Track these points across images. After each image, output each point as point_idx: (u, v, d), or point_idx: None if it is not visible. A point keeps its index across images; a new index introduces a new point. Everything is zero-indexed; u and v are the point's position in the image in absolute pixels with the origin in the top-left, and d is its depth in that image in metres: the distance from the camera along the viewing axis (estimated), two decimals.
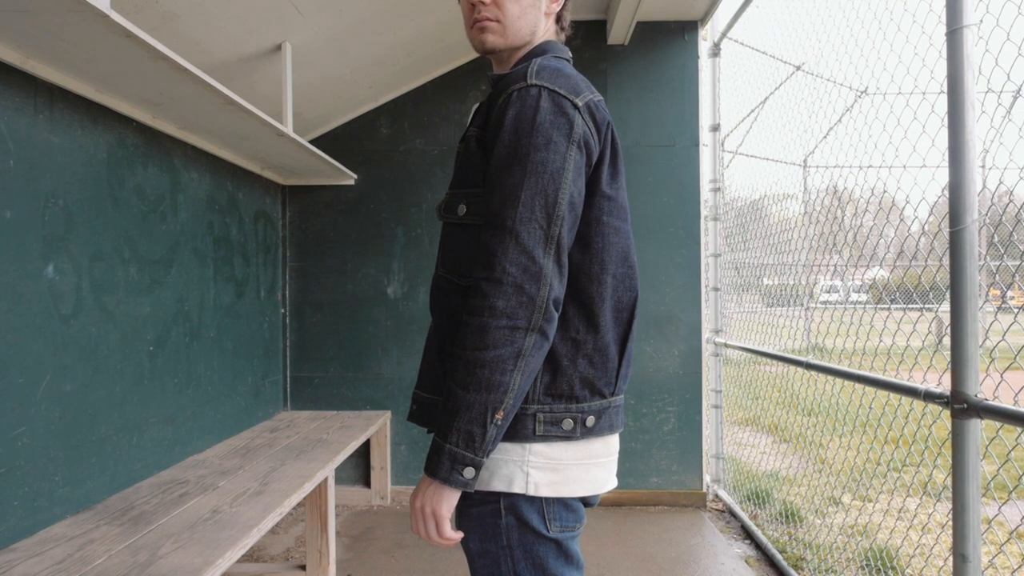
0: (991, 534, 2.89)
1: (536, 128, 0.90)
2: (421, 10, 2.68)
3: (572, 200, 0.91)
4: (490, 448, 0.88)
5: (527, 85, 0.93)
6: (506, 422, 0.89)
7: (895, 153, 1.83)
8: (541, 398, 0.94)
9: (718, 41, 3.46)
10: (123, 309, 1.98)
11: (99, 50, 1.52)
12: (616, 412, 1.02)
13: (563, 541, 0.97)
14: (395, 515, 3.22)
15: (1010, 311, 1.61)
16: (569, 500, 0.98)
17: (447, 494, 0.89)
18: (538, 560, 0.95)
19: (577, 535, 1.02)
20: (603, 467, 1.01)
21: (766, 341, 2.93)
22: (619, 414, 1.04)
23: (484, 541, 0.96)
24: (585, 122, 0.94)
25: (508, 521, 0.95)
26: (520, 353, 0.87)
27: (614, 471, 1.06)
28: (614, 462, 1.05)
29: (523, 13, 1.05)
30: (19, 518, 1.58)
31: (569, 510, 0.98)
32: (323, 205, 3.44)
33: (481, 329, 0.86)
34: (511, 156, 0.91)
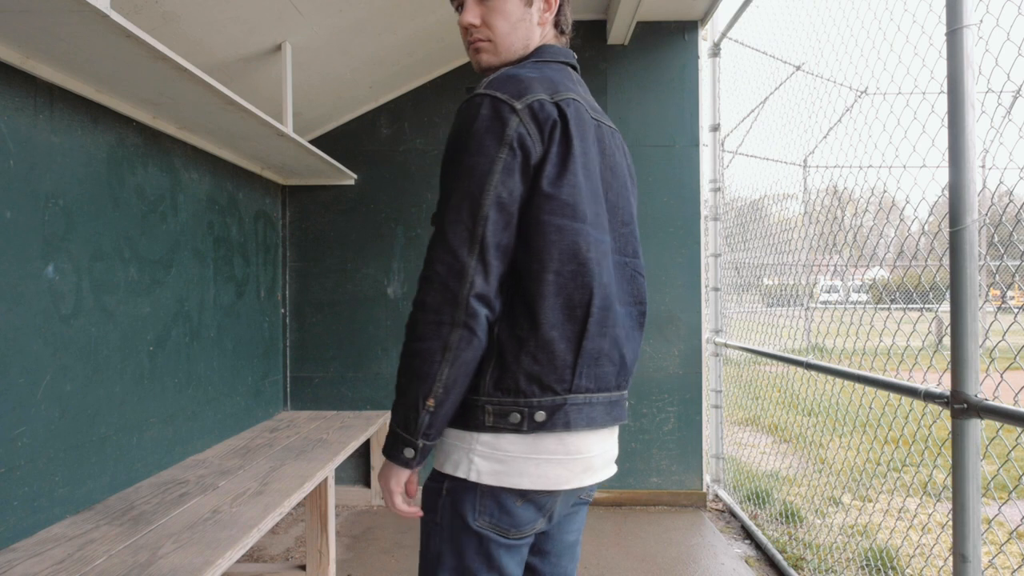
0: (991, 534, 2.89)
1: (471, 134, 0.96)
2: (421, 10, 2.68)
3: (500, 200, 0.95)
4: (430, 432, 0.97)
5: (473, 95, 0.99)
6: (442, 409, 0.96)
7: (895, 153, 1.84)
8: (491, 391, 0.99)
9: (718, 41, 3.46)
10: (123, 309, 1.98)
11: (99, 50, 1.52)
12: (577, 410, 1.00)
13: (487, 539, 1.00)
14: (395, 515, 3.22)
15: (1010, 311, 1.61)
16: (506, 501, 0.99)
17: (394, 470, 1.02)
18: (458, 547, 1.01)
19: (511, 544, 1.00)
20: (561, 464, 1.00)
21: (766, 341, 2.93)
22: (582, 412, 1.01)
23: (427, 514, 1.05)
24: (523, 123, 0.96)
25: (445, 502, 1.02)
26: (446, 346, 0.94)
27: (582, 470, 1.02)
28: (579, 461, 1.01)
29: (513, 29, 1.10)
30: (19, 518, 1.58)
31: (503, 511, 0.99)
32: (323, 205, 3.44)
33: (414, 323, 0.96)
34: (448, 163, 0.99)
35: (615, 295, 1.05)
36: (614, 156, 1.11)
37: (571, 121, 0.98)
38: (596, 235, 1.00)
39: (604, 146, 1.08)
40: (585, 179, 1.00)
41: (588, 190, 1.00)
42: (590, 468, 1.04)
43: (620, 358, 1.07)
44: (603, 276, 1.01)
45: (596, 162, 1.04)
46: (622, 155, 1.14)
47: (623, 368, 1.08)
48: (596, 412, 1.03)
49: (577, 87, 1.08)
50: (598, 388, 1.03)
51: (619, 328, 1.05)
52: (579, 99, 1.03)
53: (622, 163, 1.13)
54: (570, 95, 1.01)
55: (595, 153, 1.04)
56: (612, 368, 1.05)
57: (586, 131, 1.02)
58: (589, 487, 1.09)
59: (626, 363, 1.09)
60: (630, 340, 1.10)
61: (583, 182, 0.99)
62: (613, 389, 1.07)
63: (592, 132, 1.04)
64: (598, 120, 1.09)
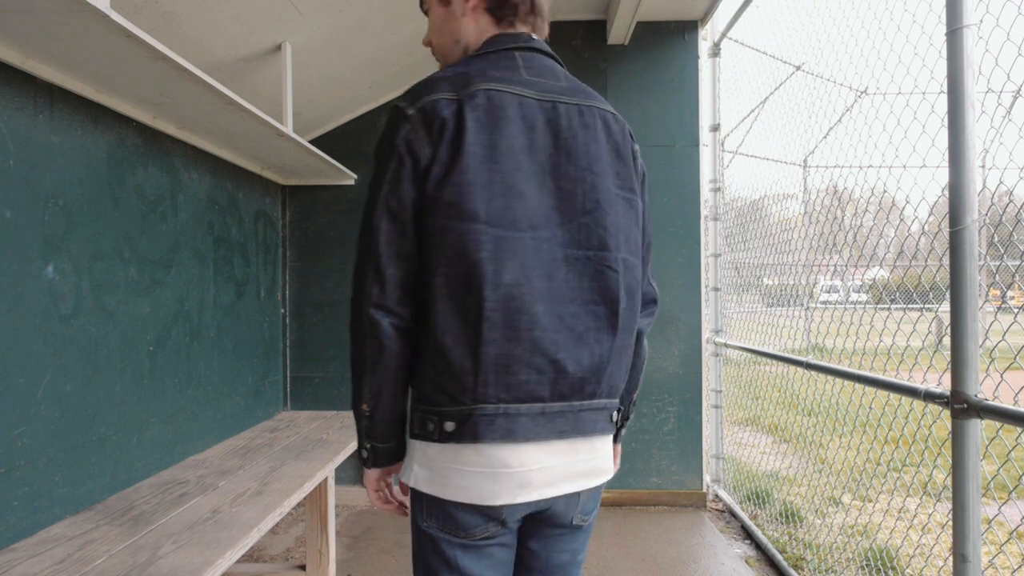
0: (991, 534, 2.89)
1: (377, 147, 1.00)
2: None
3: (390, 210, 0.96)
4: (374, 435, 1.02)
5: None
6: (378, 413, 1.01)
7: (895, 153, 1.83)
8: (415, 399, 1.01)
9: (718, 41, 3.46)
10: (123, 309, 1.98)
11: (99, 50, 1.52)
12: (488, 421, 0.93)
13: (439, 540, 1.00)
14: (394, 515, 3.22)
15: (1010, 311, 1.62)
16: (447, 507, 0.98)
17: (364, 470, 1.09)
18: (421, 548, 1.04)
19: (468, 544, 0.99)
20: (485, 478, 0.94)
21: (766, 341, 2.93)
22: (495, 424, 0.94)
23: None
24: (413, 128, 0.95)
25: (412, 505, 1.06)
26: (363, 356, 0.98)
27: (517, 486, 0.95)
28: (509, 475, 0.94)
29: (440, 33, 1.12)
30: (19, 518, 1.58)
31: (447, 515, 0.98)
32: (323, 205, 3.44)
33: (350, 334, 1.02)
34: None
35: (541, 295, 0.94)
36: (573, 139, 0.98)
37: (468, 115, 0.93)
38: (498, 233, 0.92)
39: (557, 130, 0.98)
40: (489, 173, 0.93)
41: (495, 184, 0.93)
42: (527, 484, 0.95)
43: (553, 365, 0.95)
44: (505, 276, 0.92)
45: (521, 151, 0.95)
46: (599, 134, 1.01)
47: (563, 376, 0.96)
48: (519, 424, 0.94)
49: (518, 72, 1.00)
50: (516, 398, 0.94)
51: (548, 332, 0.94)
52: (501, 87, 0.96)
53: (590, 145, 1.00)
54: (482, 86, 0.95)
55: (521, 142, 0.95)
56: (539, 376, 0.95)
57: (500, 121, 0.94)
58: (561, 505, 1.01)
59: (566, 370, 0.96)
60: (583, 344, 0.97)
61: (480, 178, 0.92)
62: (547, 399, 0.96)
63: (517, 119, 0.95)
64: (554, 101, 0.99)
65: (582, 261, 0.98)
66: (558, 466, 0.98)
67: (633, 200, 1.05)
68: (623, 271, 1.00)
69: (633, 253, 1.04)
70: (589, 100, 1.03)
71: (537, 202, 0.95)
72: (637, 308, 1.06)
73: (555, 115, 0.98)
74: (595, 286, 0.98)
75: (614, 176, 1.02)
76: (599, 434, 1.02)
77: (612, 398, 1.04)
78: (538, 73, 1.02)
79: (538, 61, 1.04)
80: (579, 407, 0.99)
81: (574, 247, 0.97)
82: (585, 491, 1.04)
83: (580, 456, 1.00)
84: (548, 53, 1.08)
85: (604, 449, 1.06)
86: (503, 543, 1.04)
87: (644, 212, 1.10)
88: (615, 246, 1.00)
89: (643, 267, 1.11)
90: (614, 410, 1.06)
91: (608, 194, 1.00)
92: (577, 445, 1.00)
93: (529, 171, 0.95)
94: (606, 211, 0.99)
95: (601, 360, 0.99)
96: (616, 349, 1.01)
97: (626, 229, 1.02)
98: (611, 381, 1.02)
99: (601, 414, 1.02)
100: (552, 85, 1.01)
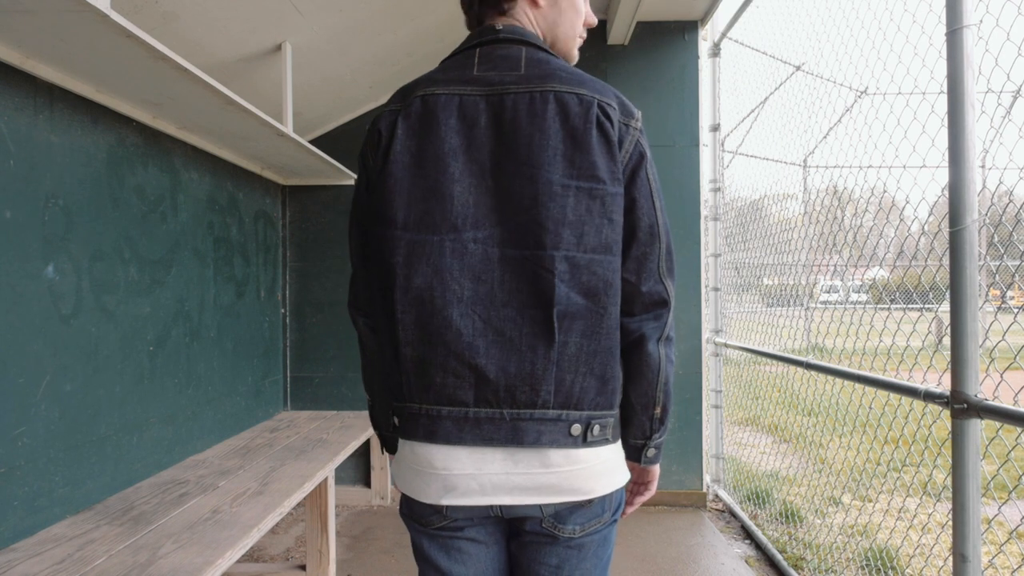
0: (991, 534, 2.89)
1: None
2: (421, 10, 2.68)
3: (355, 218, 1.04)
4: (378, 424, 1.09)
5: None
6: (376, 405, 1.09)
7: (895, 153, 1.84)
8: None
9: (718, 41, 3.46)
10: (123, 309, 1.98)
11: (99, 50, 1.52)
12: (413, 420, 0.95)
13: (411, 527, 1.05)
14: (395, 515, 3.22)
15: (1010, 311, 1.62)
16: (408, 497, 1.02)
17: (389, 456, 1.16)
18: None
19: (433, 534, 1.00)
20: (417, 475, 0.96)
21: (766, 341, 2.93)
22: (418, 423, 0.94)
23: None
24: (367, 141, 1.01)
25: None
26: (361, 351, 1.09)
27: (442, 488, 0.93)
28: (434, 476, 0.94)
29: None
30: (19, 518, 1.58)
31: (408, 504, 1.02)
32: (323, 205, 3.44)
33: None
34: None
35: (460, 298, 0.92)
36: (515, 132, 0.92)
37: (400, 124, 0.95)
38: (412, 237, 0.93)
39: (500, 124, 0.93)
40: (413, 179, 0.93)
41: (417, 189, 0.93)
42: (453, 489, 0.93)
43: (472, 370, 0.92)
44: (416, 280, 0.92)
45: (453, 153, 0.93)
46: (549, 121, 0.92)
47: (484, 381, 0.92)
48: (441, 426, 0.93)
49: (469, 70, 0.97)
50: (436, 401, 0.93)
51: (465, 336, 0.92)
52: (440, 90, 0.95)
53: (533, 135, 0.92)
54: (421, 92, 0.95)
55: (455, 143, 0.93)
56: (456, 380, 0.92)
57: (431, 125, 0.93)
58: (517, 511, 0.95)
59: (487, 376, 0.91)
60: (513, 350, 0.92)
61: (403, 184, 0.94)
62: (471, 405, 0.92)
63: (453, 120, 0.93)
64: (502, 93, 0.94)
65: (519, 262, 0.92)
66: (493, 475, 0.93)
67: (596, 189, 0.92)
68: (565, 271, 0.91)
69: (592, 250, 0.92)
70: (546, 84, 0.94)
71: (469, 203, 0.93)
72: (601, 311, 0.93)
73: (500, 108, 0.93)
74: (531, 289, 0.91)
75: (566, 166, 0.91)
76: (552, 447, 0.92)
77: (571, 409, 0.93)
78: (493, 66, 0.97)
79: (500, 51, 0.98)
80: (514, 415, 0.92)
81: (511, 247, 0.92)
82: (550, 504, 0.95)
83: (521, 468, 0.93)
84: (517, 40, 1.00)
85: (569, 466, 0.94)
86: (472, 538, 1.01)
87: (637, 200, 0.96)
88: (553, 244, 0.90)
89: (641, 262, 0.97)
90: (577, 423, 0.94)
91: (550, 187, 0.91)
92: (518, 456, 0.93)
93: (462, 172, 0.93)
94: (546, 206, 0.90)
95: (535, 368, 0.91)
96: (564, 357, 0.92)
97: (576, 224, 0.91)
98: (565, 391, 0.93)
99: (551, 425, 0.92)
100: (504, 76, 0.95)
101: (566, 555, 1.00)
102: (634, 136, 0.97)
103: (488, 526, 1.02)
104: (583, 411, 0.94)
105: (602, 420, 0.96)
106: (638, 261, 0.97)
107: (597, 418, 0.95)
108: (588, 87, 0.95)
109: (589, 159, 0.92)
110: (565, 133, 0.92)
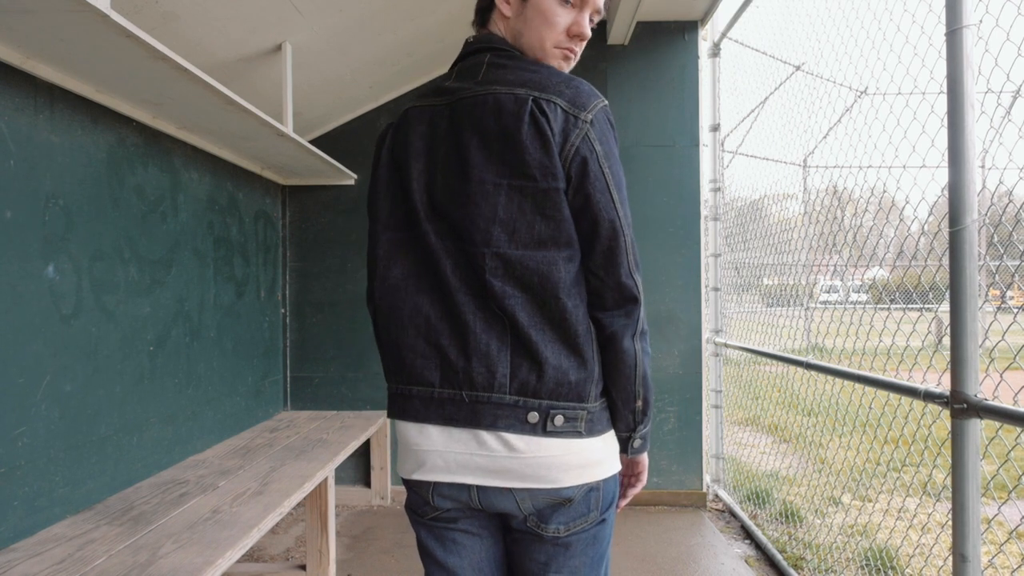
0: (991, 534, 2.89)
1: None
2: (421, 10, 2.68)
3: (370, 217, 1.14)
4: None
5: None
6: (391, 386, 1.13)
7: (895, 153, 1.84)
8: None
9: (718, 41, 3.46)
10: (123, 309, 1.98)
11: (99, 50, 1.52)
12: (394, 399, 1.05)
13: (409, 516, 1.08)
14: (395, 515, 3.22)
15: (1010, 311, 1.62)
16: (407, 486, 1.07)
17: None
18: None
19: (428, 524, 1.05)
20: (402, 450, 1.06)
21: (766, 341, 2.93)
22: (396, 402, 1.04)
23: None
24: (376, 148, 1.11)
25: None
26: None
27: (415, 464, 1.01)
28: (410, 452, 1.03)
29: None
30: (19, 518, 1.58)
31: (408, 496, 1.08)
32: (323, 205, 3.44)
33: None
34: None
35: (429, 286, 1.00)
36: (456, 135, 0.97)
37: (390, 135, 1.08)
38: (390, 234, 1.05)
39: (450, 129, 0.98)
40: (390, 182, 1.06)
41: (392, 189, 1.06)
42: (423, 464, 1.00)
43: (437, 351, 0.99)
44: (393, 270, 1.04)
45: (418, 157, 1.02)
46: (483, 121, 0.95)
47: (447, 363, 0.98)
48: (411, 405, 1.02)
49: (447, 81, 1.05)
50: (408, 381, 1.02)
51: (432, 320, 0.99)
52: (420, 103, 1.06)
53: (467, 137, 0.96)
54: (409, 105, 1.09)
55: (419, 148, 1.03)
56: (424, 361, 1.00)
57: (408, 135, 1.05)
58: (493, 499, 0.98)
59: (449, 358, 0.97)
60: (469, 334, 0.96)
61: (384, 187, 1.07)
62: (437, 385, 0.99)
63: (423, 130, 1.03)
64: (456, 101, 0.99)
65: (464, 254, 0.98)
66: (458, 454, 0.98)
67: (527, 187, 0.93)
68: (497, 267, 0.94)
69: (524, 246, 0.94)
70: (490, 87, 0.96)
71: (425, 200, 1.02)
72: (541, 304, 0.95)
73: (453, 114, 1.00)
74: (475, 279, 0.97)
75: (498, 164, 0.94)
76: (509, 432, 0.95)
77: (529, 396, 0.95)
78: (461, 77, 1.03)
79: (469, 62, 1.04)
80: (473, 397, 0.96)
81: (456, 240, 0.99)
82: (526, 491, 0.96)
83: (484, 451, 0.96)
84: (484, 48, 1.04)
85: (530, 452, 0.95)
86: (465, 530, 1.05)
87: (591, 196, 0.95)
88: (484, 241, 0.94)
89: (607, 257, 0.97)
90: (535, 411, 0.95)
91: (482, 186, 0.94)
92: (483, 438, 0.96)
93: (421, 172, 1.02)
94: (478, 204, 0.95)
95: (490, 351, 0.96)
96: (517, 344, 0.95)
97: (508, 221, 0.94)
98: (521, 378, 0.95)
99: (508, 411, 0.95)
100: (464, 86, 1.00)
101: (553, 552, 1.02)
102: (582, 130, 0.95)
103: (480, 519, 1.06)
104: (541, 400, 0.96)
105: (567, 412, 0.96)
106: (604, 256, 0.97)
107: (560, 409, 0.96)
108: (531, 86, 0.95)
109: (519, 157, 0.93)
110: (498, 131, 0.94)
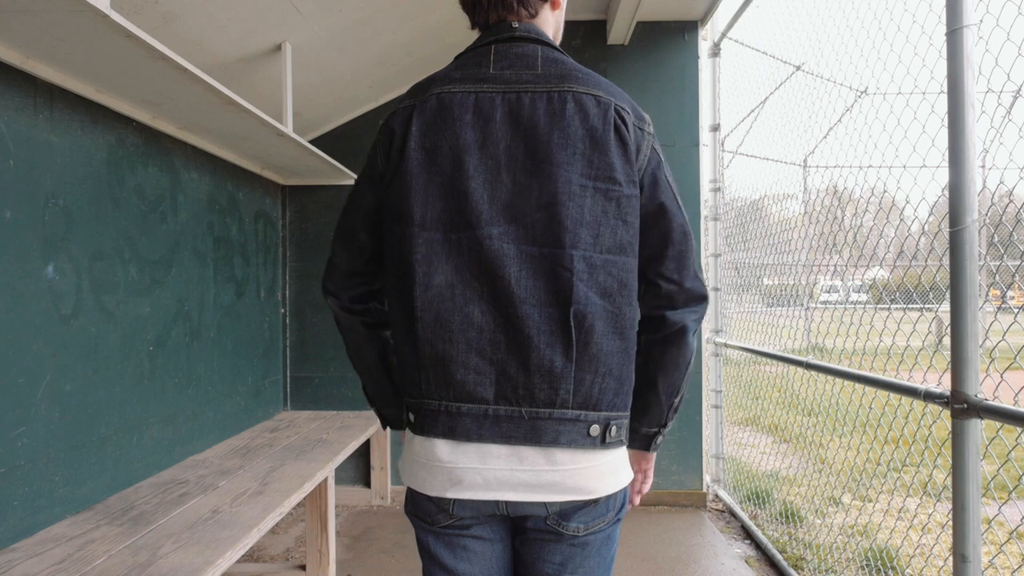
0: (991, 534, 2.89)
1: None
2: (421, 10, 2.68)
3: (349, 222, 1.07)
4: (374, 401, 1.16)
5: None
6: (367, 383, 1.14)
7: (895, 153, 1.84)
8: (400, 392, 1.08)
9: (718, 41, 3.46)
10: (123, 309, 1.98)
11: (99, 50, 1.52)
12: (432, 417, 0.95)
13: (415, 523, 1.05)
14: (395, 515, 3.22)
15: (1010, 311, 1.62)
16: (411, 491, 1.04)
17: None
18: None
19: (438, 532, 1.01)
20: (424, 468, 0.97)
21: (766, 341, 2.93)
22: (438, 420, 0.95)
23: None
24: (378, 137, 1.02)
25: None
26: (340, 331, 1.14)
27: (448, 481, 0.95)
28: (441, 470, 0.95)
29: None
30: (19, 518, 1.58)
31: (414, 500, 1.04)
32: (323, 205, 3.44)
33: None
34: None
35: (481, 295, 0.93)
36: (533, 130, 0.93)
37: (415, 121, 0.95)
38: (432, 236, 0.94)
39: (517, 121, 0.94)
40: (429, 175, 0.94)
41: (434, 187, 0.94)
42: (459, 482, 0.94)
43: (493, 366, 0.93)
44: (436, 278, 0.93)
45: (468, 150, 0.93)
46: (569, 121, 0.93)
47: (505, 378, 0.93)
48: (461, 423, 0.94)
49: (484, 68, 0.97)
50: (456, 398, 0.94)
51: (487, 332, 0.93)
52: (456, 88, 0.96)
53: (552, 134, 0.93)
54: (437, 89, 0.96)
55: (470, 139, 0.93)
56: (477, 377, 0.93)
57: (447, 122, 0.94)
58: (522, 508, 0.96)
59: (508, 373, 0.92)
60: (532, 348, 0.92)
61: (419, 182, 0.94)
62: (490, 402, 0.93)
63: (469, 118, 0.94)
64: (519, 91, 0.95)
65: (537, 259, 0.92)
66: (498, 471, 0.94)
67: (613, 191, 0.93)
68: (584, 270, 0.92)
69: (607, 250, 0.93)
70: (563, 84, 0.95)
71: (484, 199, 0.93)
72: (616, 312, 0.95)
73: (518, 106, 0.94)
74: (549, 286, 0.92)
75: (584, 165, 0.92)
76: (563, 447, 0.93)
77: (590, 410, 0.94)
78: (509, 64, 0.97)
79: (516, 49, 0.99)
80: (533, 414, 0.93)
81: (528, 244, 0.92)
82: (556, 503, 0.95)
83: (526, 466, 0.93)
84: (533, 39, 1.01)
85: (574, 464, 0.94)
86: (478, 536, 1.02)
87: (665, 204, 0.98)
88: (572, 243, 0.91)
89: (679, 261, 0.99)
90: (596, 423, 0.95)
91: (569, 187, 0.92)
92: (524, 453, 0.93)
93: (476, 168, 0.93)
94: (565, 205, 0.91)
95: (554, 366, 0.92)
96: (584, 357, 0.93)
97: (593, 224, 0.92)
98: (584, 391, 0.93)
99: (569, 426, 0.93)
100: (521, 75, 0.96)
101: (570, 553, 1.01)
102: (649, 141, 0.99)
103: (494, 524, 1.03)
104: (601, 412, 0.95)
105: (619, 422, 0.98)
106: (676, 261, 1.00)
107: (615, 419, 0.97)
108: (604, 89, 0.97)
109: (607, 160, 0.93)
110: (585, 133, 0.93)
